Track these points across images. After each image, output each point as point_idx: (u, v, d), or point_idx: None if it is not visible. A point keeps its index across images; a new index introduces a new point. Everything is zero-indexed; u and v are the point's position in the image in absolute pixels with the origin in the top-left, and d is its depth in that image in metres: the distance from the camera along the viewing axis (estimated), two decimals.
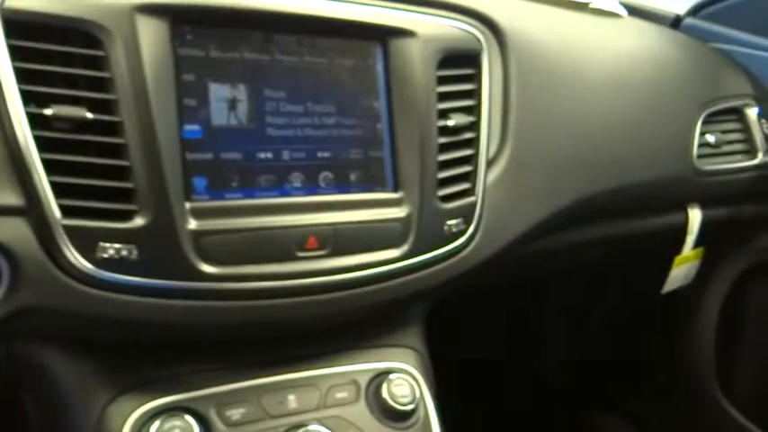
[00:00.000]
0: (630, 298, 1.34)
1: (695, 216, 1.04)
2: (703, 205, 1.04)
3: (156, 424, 0.58)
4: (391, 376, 0.68)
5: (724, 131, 1.04)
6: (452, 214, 0.69)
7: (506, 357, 1.47)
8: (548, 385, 1.48)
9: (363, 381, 0.68)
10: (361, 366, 0.69)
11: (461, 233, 0.70)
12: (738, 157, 1.05)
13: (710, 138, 1.01)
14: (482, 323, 1.39)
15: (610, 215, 0.93)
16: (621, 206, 0.92)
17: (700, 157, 0.98)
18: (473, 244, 0.71)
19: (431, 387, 0.72)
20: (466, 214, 0.70)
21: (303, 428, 0.62)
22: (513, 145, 0.76)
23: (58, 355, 0.59)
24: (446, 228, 0.68)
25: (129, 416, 0.59)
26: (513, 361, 1.47)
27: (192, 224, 0.56)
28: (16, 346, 0.57)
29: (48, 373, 0.59)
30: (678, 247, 1.06)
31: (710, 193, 1.02)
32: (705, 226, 1.04)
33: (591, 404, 1.43)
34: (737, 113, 1.06)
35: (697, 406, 1.24)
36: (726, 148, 1.04)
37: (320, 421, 0.64)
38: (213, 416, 0.61)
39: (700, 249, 1.11)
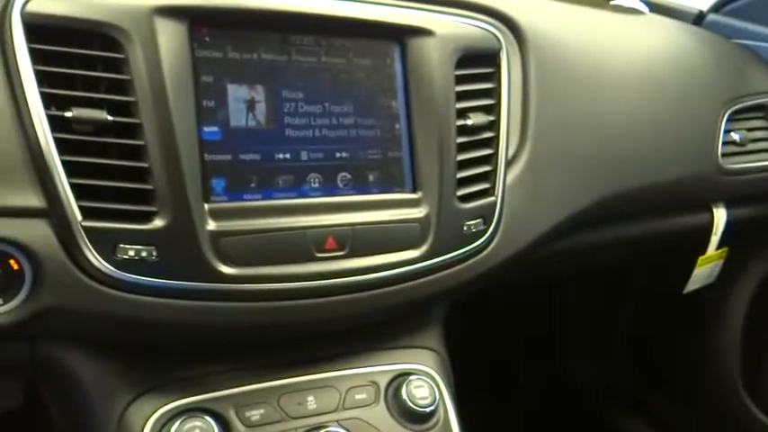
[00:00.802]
0: (654, 298, 1.32)
1: (720, 216, 1.02)
2: (728, 205, 1.02)
3: (176, 425, 0.58)
4: (411, 378, 0.68)
5: (750, 129, 1.02)
6: (472, 214, 0.68)
7: (529, 358, 1.45)
8: (570, 386, 1.46)
9: (383, 382, 0.68)
10: (381, 368, 0.69)
11: (481, 234, 0.69)
12: (765, 155, 1.03)
13: (736, 136, 1.00)
14: (504, 323, 1.38)
15: (632, 215, 0.92)
16: (644, 206, 0.91)
17: (725, 155, 0.96)
18: (493, 244, 0.71)
19: (450, 388, 0.71)
20: (485, 214, 0.70)
21: (323, 430, 0.62)
22: (532, 144, 0.76)
23: (80, 356, 0.59)
24: (465, 228, 0.68)
25: (149, 416, 0.59)
26: (536, 361, 1.46)
27: (211, 225, 0.56)
28: (39, 346, 0.58)
29: (70, 374, 0.59)
30: (702, 247, 1.04)
31: (736, 192, 1.00)
32: (730, 226, 1.03)
33: (614, 405, 1.41)
34: (763, 111, 1.04)
35: (721, 407, 1.22)
36: (751, 147, 1.02)
37: (339, 423, 0.63)
38: (232, 417, 0.61)
39: (724, 249, 1.09)
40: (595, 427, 1.42)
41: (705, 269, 1.09)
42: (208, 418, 0.59)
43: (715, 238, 1.03)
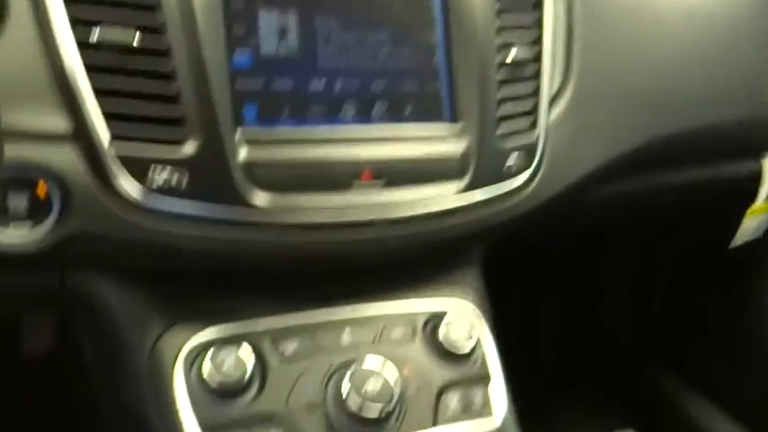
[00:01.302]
0: (697, 252, 1.28)
1: None
2: None
3: (210, 354, 0.57)
4: (449, 316, 0.65)
5: None
6: (513, 151, 0.65)
7: (565, 315, 1.43)
8: (607, 343, 1.43)
9: (420, 320, 0.66)
10: (418, 305, 0.67)
11: (522, 171, 0.66)
12: None
13: None
14: (540, 279, 1.36)
15: (678, 160, 0.88)
16: (691, 150, 0.86)
17: None
18: (534, 184, 0.68)
19: (491, 328, 0.69)
20: (527, 152, 0.67)
21: (358, 362, 0.60)
22: (577, 80, 0.72)
23: (109, 287, 0.58)
24: (506, 165, 0.65)
25: (182, 347, 0.58)
26: (573, 318, 1.43)
27: (243, 152, 0.54)
28: (69, 275, 0.57)
29: (100, 305, 0.58)
30: (751, 198, 1.00)
31: None
32: None
33: (652, 364, 1.38)
34: None
35: (762, 368, 1.19)
36: None
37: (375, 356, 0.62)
38: (267, 348, 0.60)
39: None
40: (631, 385, 1.40)
41: (753, 222, 1.05)
42: (242, 348, 0.58)
43: (764, 189, 0.98)
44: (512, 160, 0.65)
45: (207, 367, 0.56)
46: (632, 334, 1.41)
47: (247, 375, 0.57)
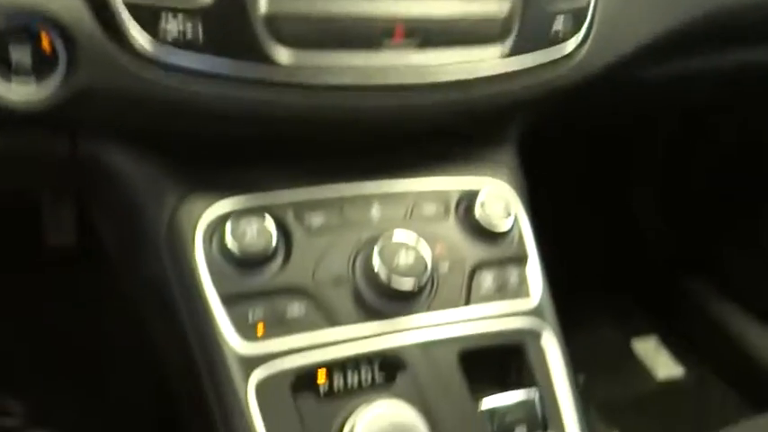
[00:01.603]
0: (744, 143, 1.21)
1: None
2: None
3: (230, 224, 0.54)
4: (483, 194, 0.61)
5: None
6: (560, 15, 0.59)
7: (597, 208, 1.38)
8: (635, 240, 1.40)
9: (453, 198, 0.62)
10: (452, 182, 0.63)
11: (570, 37, 0.60)
12: None
13: None
14: (572, 171, 1.31)
15: (734, 40, 0.80)
16: (750, 29, 0.79)
17: None
18: (581, 53, 0.62)
19: (526, 208, 0.65)
20: (576, 16, 0.60)
21: (387, 236, 0.56)
22: None
23: (123, 155, 0.55)
24: (553, 30, 0.59)
25: (200, 216, 0.55)
26: (604, 212, 1.39)
27: (264, 3, 0.49)
28: (81, 144, 0.53)
29: (114, 173, 0.55)
30: None
31: None
32: None
33: (679, 266, 1.35)
34: None
35: None
36: None
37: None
38: (291, 221, 0.56)
39: None
40: (658, 289, 1.37)
41: None
42: (266, 219, 0.54)
43: None
44: (559, 24, 0.59)
45: (229, 237, 0.54)
46: (662, 229, 1.37)
47: (272, 245, 0.54)
